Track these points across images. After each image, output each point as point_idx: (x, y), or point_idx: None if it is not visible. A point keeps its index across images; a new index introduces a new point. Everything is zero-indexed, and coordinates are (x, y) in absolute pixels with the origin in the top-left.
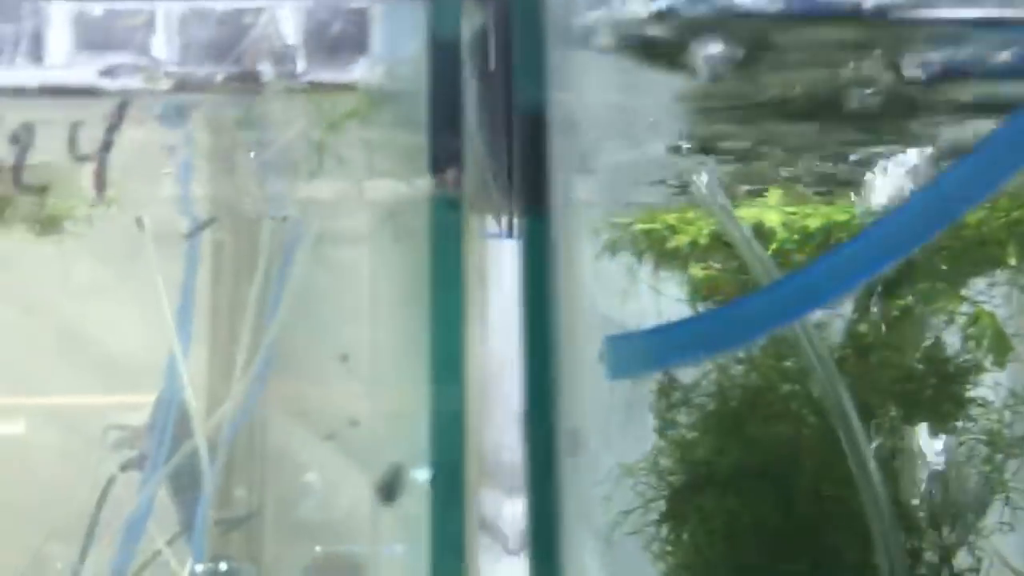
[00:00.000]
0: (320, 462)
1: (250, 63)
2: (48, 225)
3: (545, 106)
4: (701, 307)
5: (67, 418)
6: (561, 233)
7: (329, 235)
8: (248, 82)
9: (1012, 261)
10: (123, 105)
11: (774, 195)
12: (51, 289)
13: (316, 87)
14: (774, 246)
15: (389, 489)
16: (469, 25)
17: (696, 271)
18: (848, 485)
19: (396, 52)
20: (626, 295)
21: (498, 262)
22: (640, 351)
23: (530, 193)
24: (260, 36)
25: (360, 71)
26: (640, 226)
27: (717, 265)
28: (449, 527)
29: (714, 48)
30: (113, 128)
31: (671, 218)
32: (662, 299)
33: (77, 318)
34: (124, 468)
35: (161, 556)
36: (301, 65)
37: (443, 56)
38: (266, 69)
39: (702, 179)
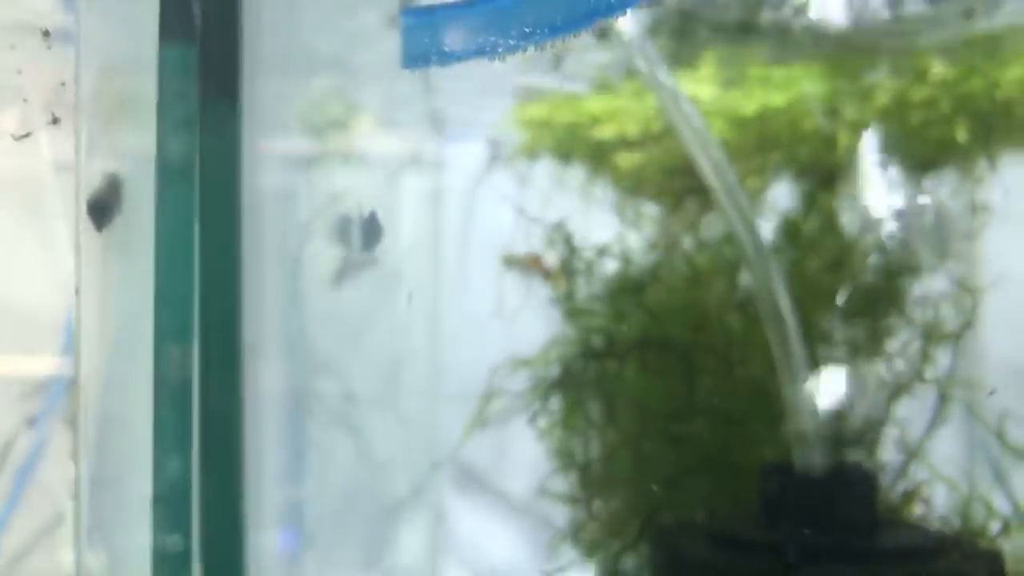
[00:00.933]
0: None
1: None
2: None
3: None
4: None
5: None
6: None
7: None
8: None
9: (961, 139)
10: None
11: (708, 65)
12: None
13: None
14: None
15: (104, 207)
16: None
17: (624, 159)
18: (761, 361)
19: None
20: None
21: None
22: (453, 28)
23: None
24: None
25: None
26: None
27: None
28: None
29: None
30: None
31: (594, 107)
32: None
33: None
34: (30, 423)
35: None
36: None
37: None
38: None
39: (642, 48)
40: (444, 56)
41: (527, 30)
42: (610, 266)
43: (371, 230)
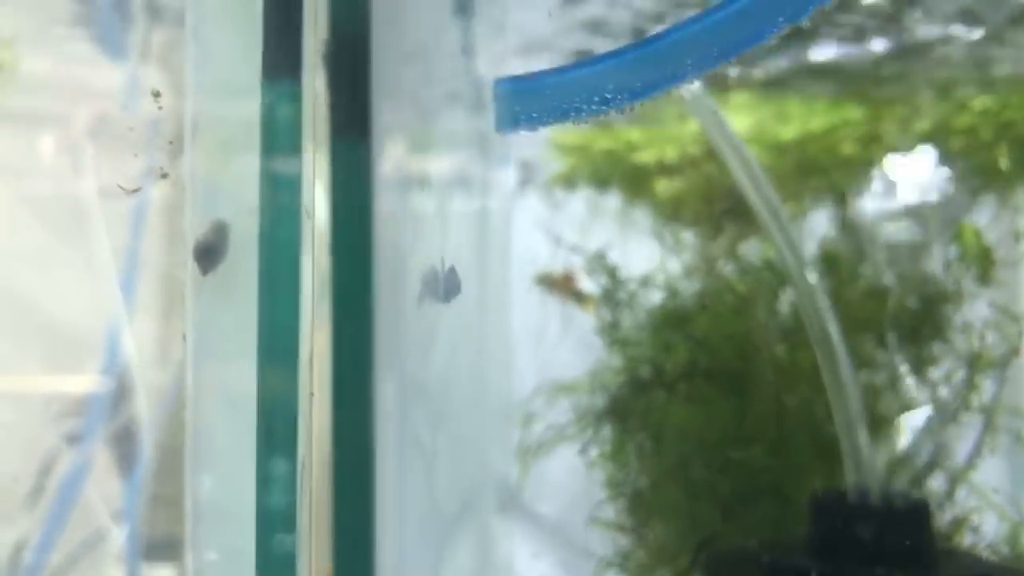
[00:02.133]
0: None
1: None
2: None
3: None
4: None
5: (9, 392)
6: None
7: None
8: None
9: (1003, 165)
10: None
11: (740, 97)
12: None
13: None
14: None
15: (210, 252)
16: None
17: (663, 186)
18: (811, 390)
19: None
20: (585, 230)
21: None
22: (544, 95)
23: (347, 119)
24: None
25: None
26: (601, 147)
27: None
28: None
29: None
30: None
31: (633, 135)
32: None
33: (18, 285)
34: (69, 440)
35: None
36: None
37: None
38: None
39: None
40: (533, 120)
41: (608, 96)
42: (654, 296)
43: (451, 283)
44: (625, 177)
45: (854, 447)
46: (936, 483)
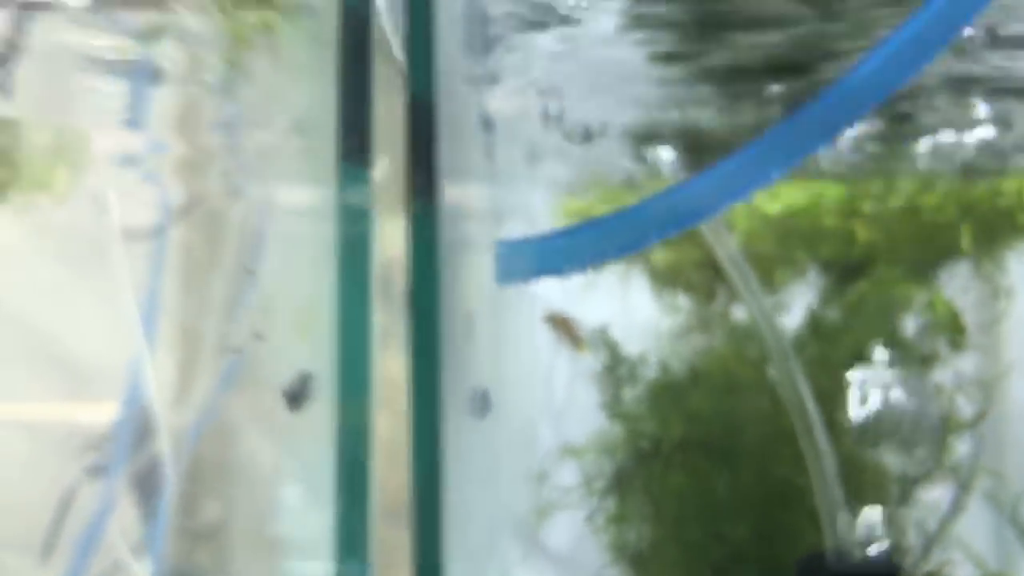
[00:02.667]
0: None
1: None
2: None
3: (430, 91)
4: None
5: (30, 424)
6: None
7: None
8: None
9: (965, 245)
10: (27, 5)
11: None
12: (12, 290)
13: None
14: (741, 234)
15: (296, 396)
16: None
17: (658, 257)
18: (795, 461)
19: None
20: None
21: None
22: (532, 255)
23: (420, 183)
24: None
25: None
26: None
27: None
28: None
29: None
30: (17, 33)
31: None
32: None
33: (40, 321)
34: (88, 474)
35: (123, 566)
36: None
37: (353, 24)
38: None
39: (664, 156)
40: (531, 276)
41: (586, 259)
42: (650, 372)
43: (484, 403)
44: None
45: (832, 512)
46: (915, 539)
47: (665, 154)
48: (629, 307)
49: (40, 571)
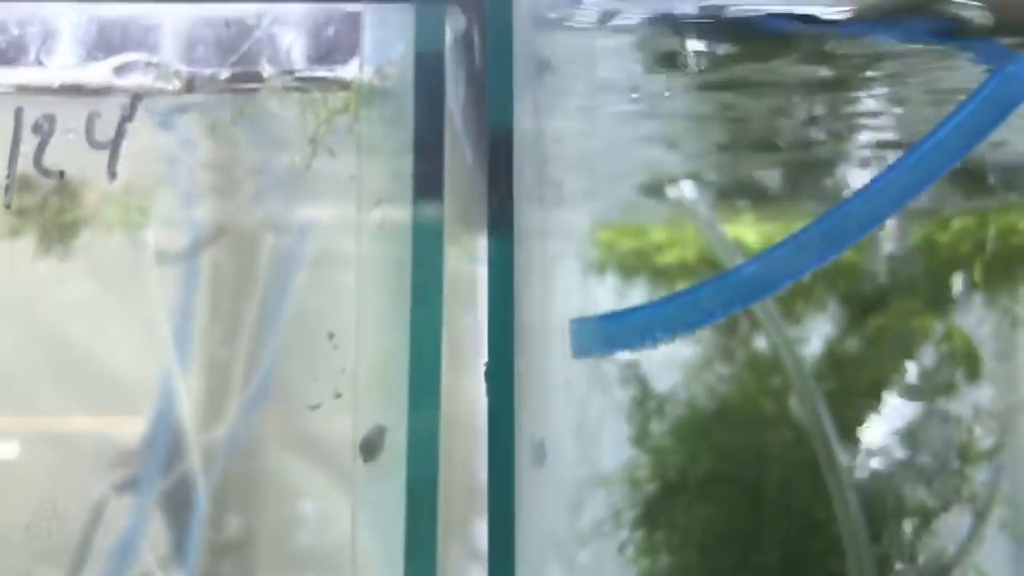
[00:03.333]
0: (316, 490)
1: (253, 62)
2: (65, 231)
3: (510, 123)
4: None
5: (61, 438)
6: (528, 253)
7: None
8: (250, 80)
9: (977, 280)
10: (136, 97)
11: (749, 213)
12: (47, 307)
13: (311, 82)
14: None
15: (371, 448)
16: (454, 30)
17: (680, 285)
18: (818, 493)
19: (387, 53)
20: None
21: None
22: (603, 332)
23: (496, 214)
24: (262, 37)
25: (352, 70)
26: (630, 244)
27: None
28: (421, 556)
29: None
30: (126, 119)
31: (660, 235)
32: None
33: (73, 337)
34: (118, 489)
35: None
36: (299, 64)
37: (426, 69)
38: (266, 68)
39: (685, 189)
40: (605, 350)
41: (656, 335)
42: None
43: (540, 454)
44: (650, 272)
45: (854, 542)
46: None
47: (688, 191)
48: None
49: None
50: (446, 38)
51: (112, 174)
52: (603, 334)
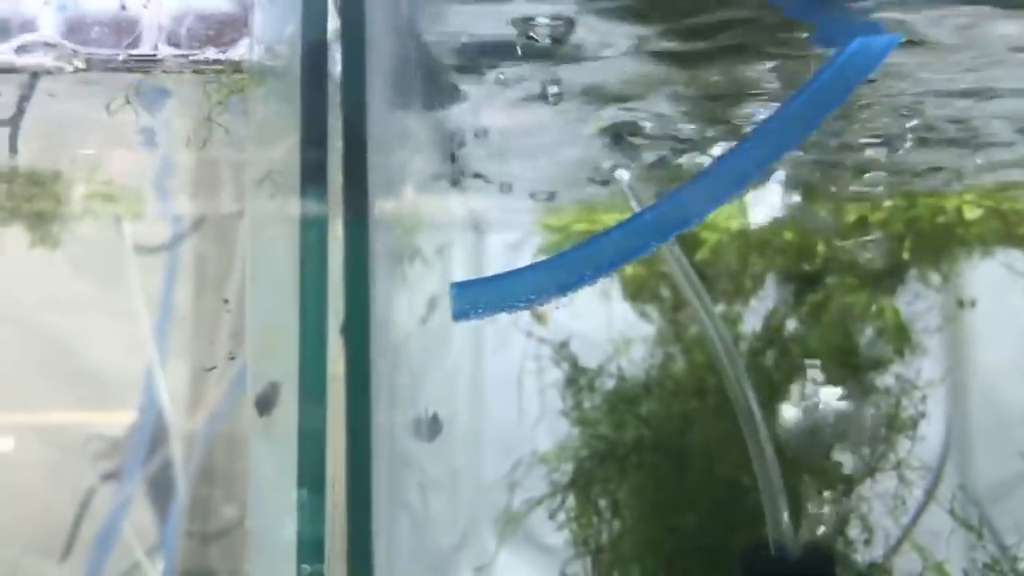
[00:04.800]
0: None
1: (148, 43)
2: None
3: (363, 115)
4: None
5: (49, 431)
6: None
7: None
8: (146, 61)
9: (906, 256)
10: (35, 76)
11: None
12: (34, 302)
13: (205, 63)
14: (707, 248)
15: (266, 403)
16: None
17: (626, 269)
18: (739, 458)
19: (278, 33)
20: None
21: None
22: (481, 295)
23: (351, 202)
24: (157, 18)
25: (243, 51)
26: (578, 227)
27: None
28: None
29: None
30: (25, 98)
31: (611, 219)
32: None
33: (59, 331)
34: (105, 479)
35: (139, 568)
36: (192, 44)
37: (312, 58)
38: (161, 49)
39: (623, 175)
40: (484, 312)
41: (532, 296)
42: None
43: (434, 427)
44: None
45: (774, 508)
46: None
47: (624, 175)
48: (610, 318)
49: (60, 572)
50: (329, 26)
51: (13, 149)
52: (481, 297)
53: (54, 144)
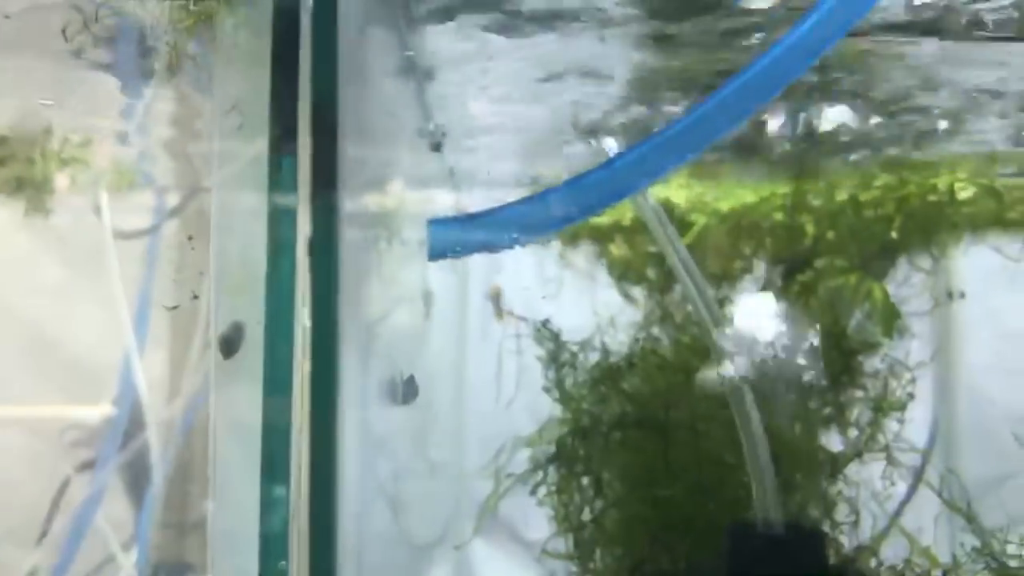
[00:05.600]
0: None
1: None
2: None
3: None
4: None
5: (28, 421)
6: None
7: None
8: None
9: (895, 235)
10: None
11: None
12: (13, 291)
13: None
14: (694, 231)
15: (230, 344)
16: None
17: (615, 249)
18: (722, 429)
19: None
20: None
21: None
22: (460, 234)
23: (321, 178)
24: None
25: None
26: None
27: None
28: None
29: None
30: None
31: None
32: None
33: (38, 320)
34: (80, 469)
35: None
36: None
37: (284, 24)
38: None
39: (610, 147)
40: (462, 251)
41: (527, 231)
42: (593, 357)
43: (409, 390)
44: (590, 236)
45: (762, 486)
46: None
47: (608, 144)
48: (597, 299)
49: (34, 559)
50: None
51: None
52: (459, 235)
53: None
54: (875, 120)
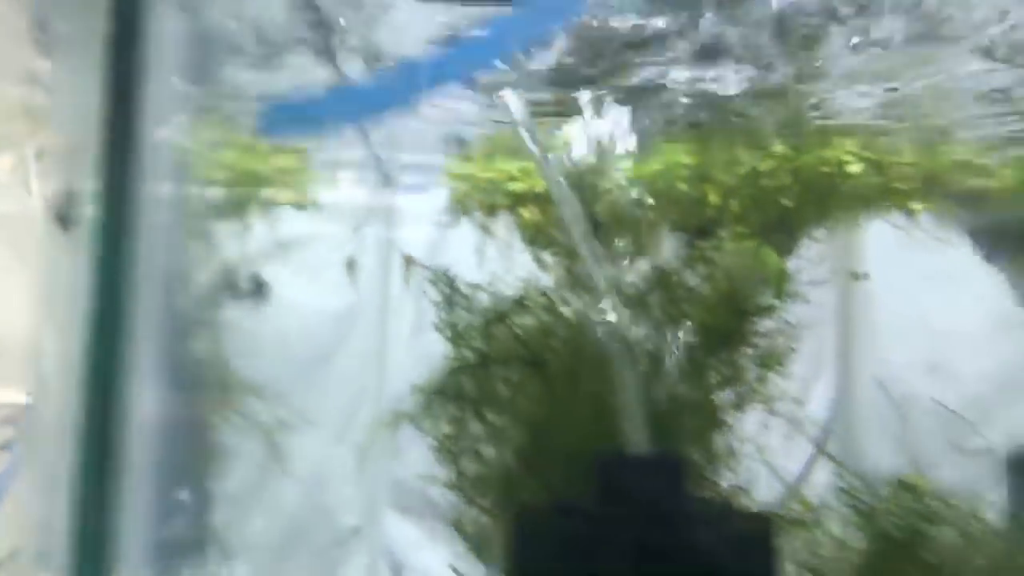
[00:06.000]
0: None
1: None
2: None
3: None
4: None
5: None
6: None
7: None
8: None
9: (787, 203)
10: None
11: None
12: None
13: None
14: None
15: (65, 217)
16: None
17: (525, 214)
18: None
19: None
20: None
21: None
22: (287, 115)
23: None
24: None
25: None
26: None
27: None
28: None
29: None
30: None
31: (512, 167)
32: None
33: None
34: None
35: None
36: None
37: None
38: None
39: (510, 97)
40: (290, 130)
41: (356, 114)
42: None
43: (259, 290)
44: (506, 203)
45: (633, 421)
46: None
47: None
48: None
49: None
50: None
51: None
52: (288, 116)
53: None
54: None
